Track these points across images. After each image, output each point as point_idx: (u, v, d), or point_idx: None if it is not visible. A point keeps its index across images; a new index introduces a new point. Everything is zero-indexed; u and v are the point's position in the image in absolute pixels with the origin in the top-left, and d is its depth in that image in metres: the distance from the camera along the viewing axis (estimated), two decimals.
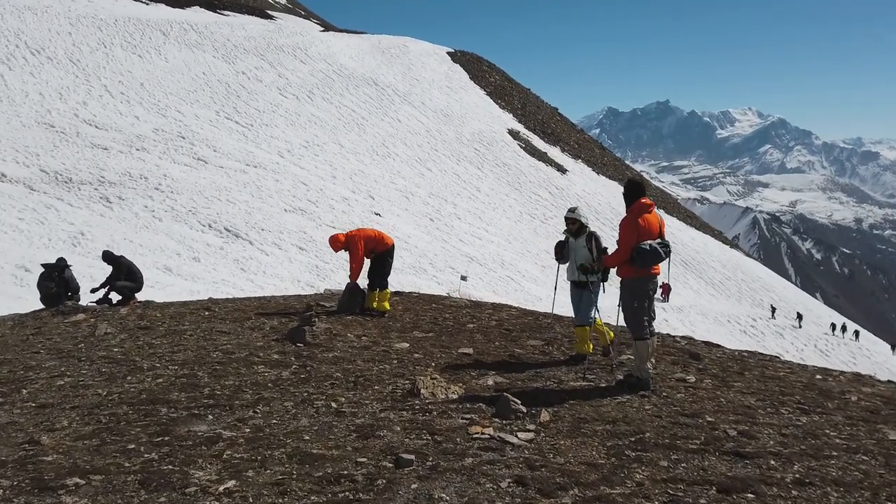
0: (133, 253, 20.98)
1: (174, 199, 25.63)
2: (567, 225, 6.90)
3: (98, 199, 24.22)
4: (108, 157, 28.17)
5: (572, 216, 6.82)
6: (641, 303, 5.81)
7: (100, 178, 25.84)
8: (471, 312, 10.06)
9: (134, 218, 23.56)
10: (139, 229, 22.84)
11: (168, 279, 19.67)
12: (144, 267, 20.47)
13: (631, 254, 5.62)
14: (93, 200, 24.02)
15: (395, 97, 52.84)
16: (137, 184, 26.38)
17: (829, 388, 6.29)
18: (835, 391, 6.18)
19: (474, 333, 8.28)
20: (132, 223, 23.16)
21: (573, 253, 6.85)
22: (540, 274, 33.82)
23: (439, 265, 28.64)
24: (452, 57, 70.62)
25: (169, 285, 18.96)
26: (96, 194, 24.46)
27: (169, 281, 19.47)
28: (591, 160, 64.44)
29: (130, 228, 22.79)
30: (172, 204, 25.25)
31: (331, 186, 33.49)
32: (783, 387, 6.19)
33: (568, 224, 6.88)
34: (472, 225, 36.51)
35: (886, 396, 6.14)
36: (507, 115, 61.95)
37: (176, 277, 20.05)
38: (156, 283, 19.11)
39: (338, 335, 7.62)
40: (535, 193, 46.68)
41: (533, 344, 7.64)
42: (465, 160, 47.08)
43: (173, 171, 28.56)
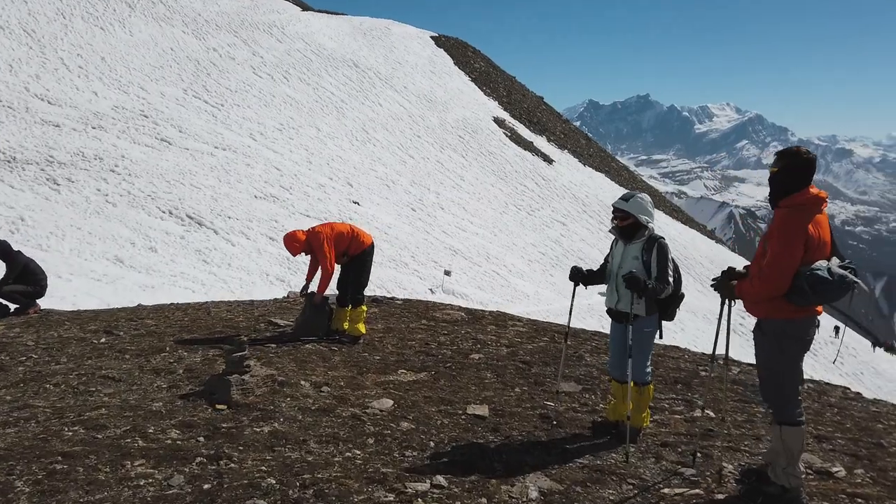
0: (81, 241, 18.73)
1: (131, 183, 23.23)
2: (614, 220, 4.53)
3: (44, 180, 21.73)
4: (60, 135, 25.58)
5: (624, 207, 4.40)
6: (797, 362, 3.68)
7: (48, 157, 23.30)
8: (471, 331, 7.98)
9: (84, 202, 21.14)
10: (89, 215, 20.46)
11: (118, 271, 17.43)
12: (93, 257, 18.27)
13: (795, 282, 3.47)
14: (38, 182, 21.52)
15: (376, 80, 50.47)
16: (91, 165, 23.89)
17: None
18: None
19: (483, 371, 6.19)
20: (81, 208, 20.75)
21: (616, 264, 4.52)
22: (527, 268, 32.05)
23: (421, 258, 26.68)
24: (436, 41, 68.24)
25: (118, 279, 16.76)
26: (43, 175, 21.96)
27: (119, 273, 17.23)
28: (577, 151, 62.75)
29: (79, 214, 20.39)
30: (129, 188, 22.85)
31: (306, 172, 31.26)
32: None
33: (616, 218, 4.50)
34: (455, 216, 34.55)
35: None
36: (492, 102, 59.89)
37: (128, 270, 17.82)
38: (103, 276, 16.92)
39: (285, 385, 5.07)
40: (521, 184, 44.80)
41: (567, 391, 5.63)
42: (449, 148, 45.00)
43: (133, 152, 26.09)
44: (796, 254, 3.46)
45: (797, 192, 3.56)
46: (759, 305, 3.66)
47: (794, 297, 3.48)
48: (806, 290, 3.40)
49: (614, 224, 4.54)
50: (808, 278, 3.40)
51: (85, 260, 17.58)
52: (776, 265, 3.47)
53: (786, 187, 3.60)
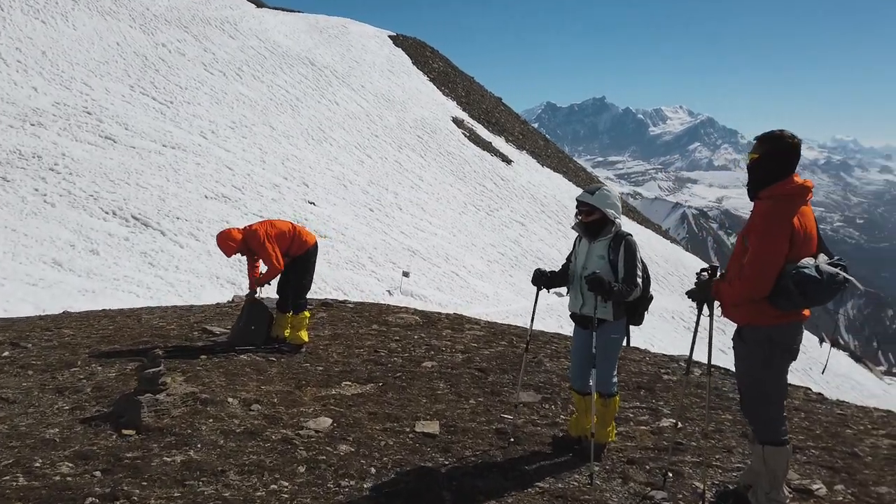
0: (16, 244, 17.66)
1: (72, 182, 22.05)
2: (578, 215, 4.09)
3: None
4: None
5: (588, 201, 3.98)
6: (783, 374, 3.28)
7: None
8: (425, 337, 7.50)
9: (20, 203, 19.94)
10: (26, 216, 19.29)
11: (56, 275, 16.47)
12: (29, 260, 17.17)
13: (779, 283, 3.09)
14: None
15: (332, 79, 49.58)
16: (29, 164, 22.60)
17: None
18: None
19: (436, 380, 5.69)
20: (17, 209, 19.56)
21: (580, 264, 4.09)
22: (486, 269, 31.75)
23: (379, 259, 26.11)
24: (394, 40, 67.59)
25: (56, 283, 15.84)
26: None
27: (57, 278, 16.28)
28: (536, 151, 62.90)
29: (15, 215, 19.22)
30: (70, 187, 21.69)
31: (260, 171, 30.34)
32: None
33: (580, 213, 4.06)
34: (414, 216, 34.05)
35: None
36: (451, 102, 59.57)
37: (67, 273, 16.85)
38: (40, 280, 15.97)
39: (209, 404, 4.41)
40: (480, 184, 44.54)
41: (525, 401, 5.19)
42: (408, 147, 44.46)
43: (74, 151, 24.82)
44: (780, 250, 3.09)
45: (780, 180, 3.18)
46: (739, 310, 3.28)
47: (778, 299, 3.10)
48: (792, 291, 3.03)
49: (578, 220, 4.09)
50: (794, 278, 3.03)
51: (20, 263, 16.53)
52: (758, 263, 3.09)
53: (767, 176, 3.22)
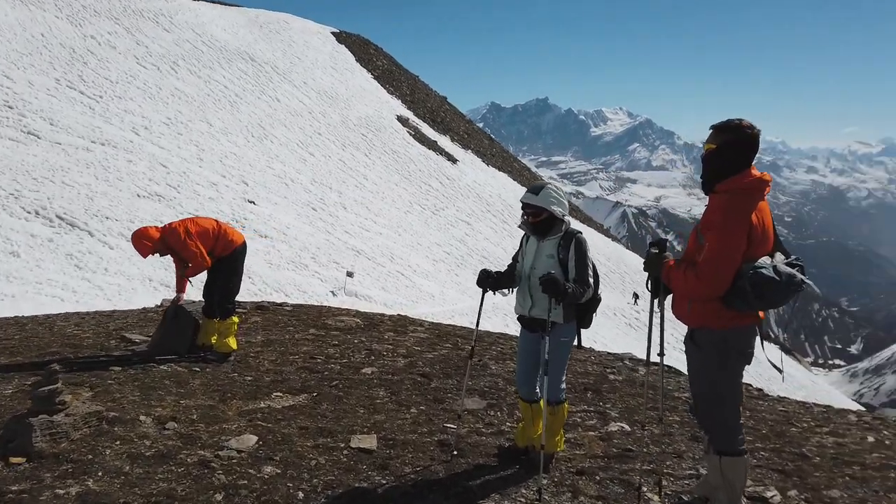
0: None
1: None
2: (525, 216, 3.84)
3: None
4: None
5: (534, 202, 3.73)
6: (738, 380, 3.11)
7: None
8: (366, 340, 7.14)
9: None
10: None
11: None
12: None
13: (736, 283, 2.89)
14: None
15: (273, 75, 48.39)
16: None
17: None
18: None
19: (375, 388, 5.34)
20: None
21: (528, 264, 3.85)
22: (432, 268, 31.55)
23: (322, 260, 25.55)
24: (337, 37, 66.63)
25: None
26: None
27: None
28: (481, 151, 63.12)
29: None
30: None
31: (196, 170, 29.23)
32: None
33: (527, 215, 3.81)
34: (358, 215, 33.52)
35: None
36: (395, 100, 59.09)
37: None
38: None
39: (116, 423, 3.89)
40: (425, 183, 44.29)
41: (471, 408, 4.92)
42: (352, 146, 43.80)
43: None
44: (738, 247, 2.90)
45: (737, 173, 3.00)
46: (692, 312, 3.09)
47: (734, 300, 2.92)
48: (748, 292, 2.85)
49: (525, 220, 3.86)
50: (750, 279, 2.85)
51: None
52: (715, 261, 2.89)
53: (725, 168, 3.01)
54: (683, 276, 3.03)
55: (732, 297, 2.92)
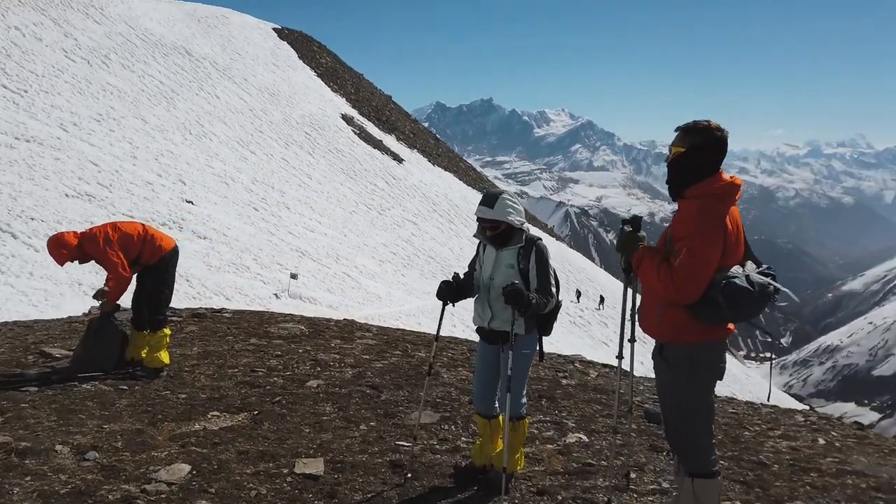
0: None
1: None
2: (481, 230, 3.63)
3: None
4: None
5: (491, 216, 3.48)
6: (710, 396, 2.94)
7: None
8: (311, 350, 6.75)
9: None
10: None
11: None
12: None
13: (707, 293, 2.70)
14: None
15: (212, 71, 46.88)
16: None
17: None
18: None
19: (322, 403, 4.98)
20: None
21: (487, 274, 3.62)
22: (378, 269, 31.13)
23: (265, 261, 24.78)
24: (279, 33, 65.14)
25: None
26: None
27: None
28: (427, 150, 62.89)
29: None
30: None
31: (130, 168, 27.95)
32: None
33: (485, 229, 3.58)
34: (303, 216, 32.78)
35: None
36: (339, 98, 58.21)
37: None
38: None
39: (26, 456, 3.41)
40: (371, 182, 43.75)
41: (424, 422, 4.63)
42: (295, 144, 42.85)
43: None
44: (715, 255, 2.73)
45: (708, 177, 2.84)
46: (662, 326, 2.90)
47: (705, 312, 2.75)
48: (721, 304, 2.68)
49: (485, 235, 3.63)
50: (723, 289, 2.69)
51: None
52: (690, 268, 2.70)
53: (694, 172, 2.84)
54: (657, 271, 2.82)
55: (704, 309, 2.75)
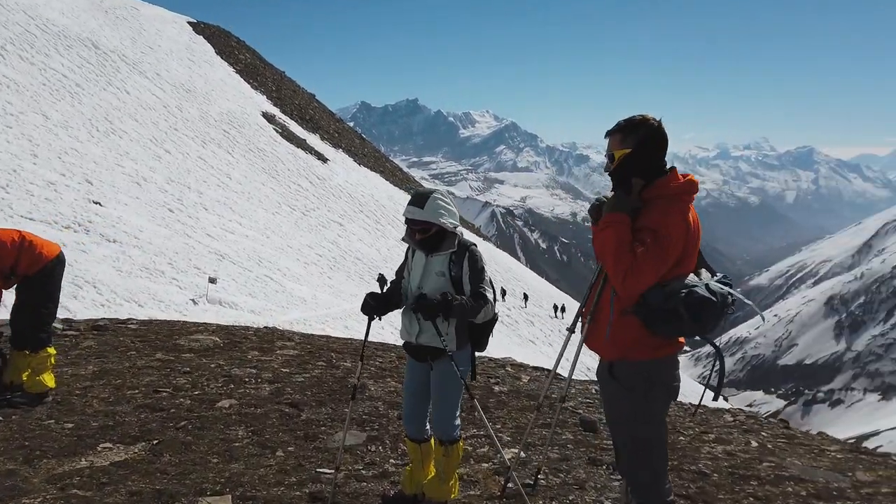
0: None
1: None
2: (410, 233, 3.28)
3: None
4: None
5: (421, 217, 3.15)
6: (663, 418, 2.67)
7: None
8: (224, 364, 6.15)
9: None
10: None
11: None
12: None
13: (666, 304, 2.45)
14: None
15: (121, 65, 44.34)
16: None
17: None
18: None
19: (234, 427, 4.45)
20: None
21: (415, 282, 3.29)
22: (303, 271, 30.21)
23: (181, 265, 23.48)
24: (195, 27, 62.48)
25: None
26: None
27: None
28: (352, 150, 61.88)
29: None
30: None
31: (30, 167, 25.89)
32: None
33: (414, 232, 3.24)
34: (222, 217, 31.39)
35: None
36: (260, 96, 56.37)
37: None
38: None
39: None
40: (294, 182, 42.55)
41: (349, 443, 4.22)
42: (213, 143, 41.10)
43: None
44: (675, 252, 2.49)
45: (659, 176, 2.59)
46: (612, 342, 2.60)
47: (664, 325, 2.48)
48: (683, 315, 2.43)
49: (414, 238, 3.26)
50: (685, 300, 2.43)
51: None
52: (653, 257, 2.43)
53: (644, 171, 2.60)
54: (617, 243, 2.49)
55: (662, 321, 2.48)
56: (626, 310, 2.57)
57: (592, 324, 2.74)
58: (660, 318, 2.48)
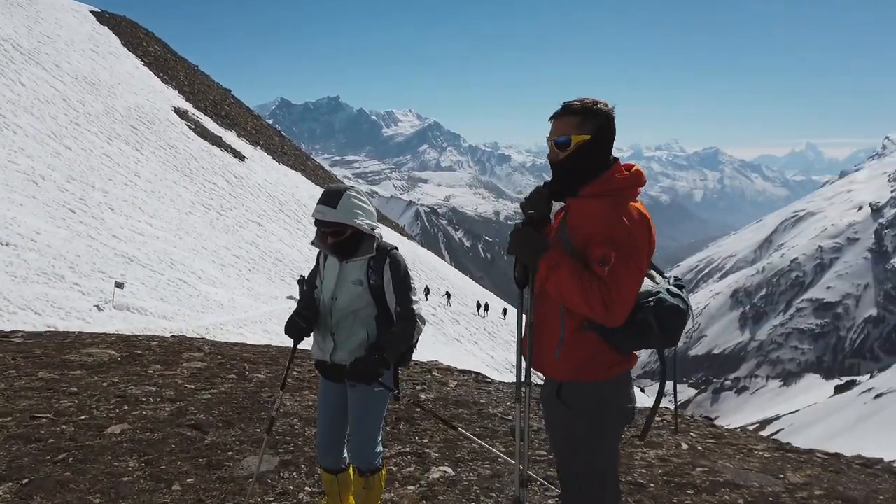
0: None
1: None
2: (320, 236, 2.87)
3: None
4: None
5: (333, 219, 2.74)
6: (617, 446, 2.37)
7: None
8: (119, 381, 5.50)
9: None
10: None
11: None
12: None
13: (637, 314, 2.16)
14: None
15: (15, 55, 41.14)
16: None
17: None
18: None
19: (124, 457, 3.87)
20: None
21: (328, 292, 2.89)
22: (219, 274, 28.94)
23: (84, 269, 21.92)
24: (99, 17, 58.91)
25: None
26: None
27: None
28: (271, 148, 60.06)
29: None
30: None
31: None
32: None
33: (326, 235, 2.82)
34: (130, 217, 29.61)
35: None
36: (171, 90, 53.76)
37: None
38: None
39: None
40: (209, 181, 40.76)
41: (261, 469, 3.79)
42: (120, 139, 38.77)
43: None
44: (645, 262, 2.18)
45: (606, 168, 2.27)
46: (565, 360, 2.26)
47: (629, 339, 2.19)
48: (653, 326, 2.15)
49: (326, 242, 2.85)
50: (654, 309, 2.16)
51: None
52: (627, 280, 2.11)
53: (598, 163, 2.27)
54: (581, 283, 2.12)
55: (628, 335, 2.19)
56: (583, 325, 2.23)
57: (536, 341, 2.38)
58: (629, 332, 2.19)
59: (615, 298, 2.09)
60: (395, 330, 2.81)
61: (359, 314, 2.85)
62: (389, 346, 2.76)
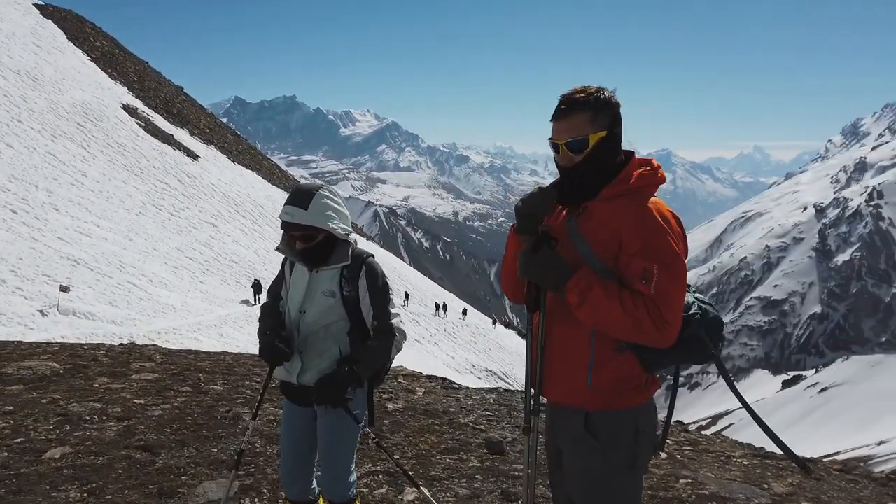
0: None
1: None
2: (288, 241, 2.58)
3: None
4: None
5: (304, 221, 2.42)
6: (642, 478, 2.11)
7: None
8: (61, 398, 5.04)
9: None
10: None
11: None
12: None
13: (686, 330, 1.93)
14: None
15: None
16: None
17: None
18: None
19: (64, 485, 3.45)
20: None
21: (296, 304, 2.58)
22: (172, 276, 28.03)
23: (27, 273, 20.89)
24: (42, 11, 56.58)
25: None
26: None
27: None
28: (226, 147, 58.67)
29: None
30: None
31: None
32: None
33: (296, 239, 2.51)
34: (76, 218, 28.40)
35: None
36: (120, 87, 51.99)
37: None
38: None
39: None
40: (161, 181, 39.50)
41: (214, 499, 3.40)
42: (65, 137, 37.22)
43: None
44: (685, 265, 1.96)
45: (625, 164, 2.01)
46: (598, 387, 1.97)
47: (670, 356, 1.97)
48: (705, 342, 1.94)
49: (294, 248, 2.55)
50: (701, 321, 1.96)
51: None
52: (675, 294, 1.88)
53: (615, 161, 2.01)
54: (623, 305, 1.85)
55: (668, 352, 1.94)
56: (620, 346, 1.96)
57: (555, 372, 2.08)
58: (675, 350, 1.94)
59: (668, 318, 1.84)
60: (371, 344, 2.52)
61: (330, 329, 2.56)
62: (363, 359, 2.48)
